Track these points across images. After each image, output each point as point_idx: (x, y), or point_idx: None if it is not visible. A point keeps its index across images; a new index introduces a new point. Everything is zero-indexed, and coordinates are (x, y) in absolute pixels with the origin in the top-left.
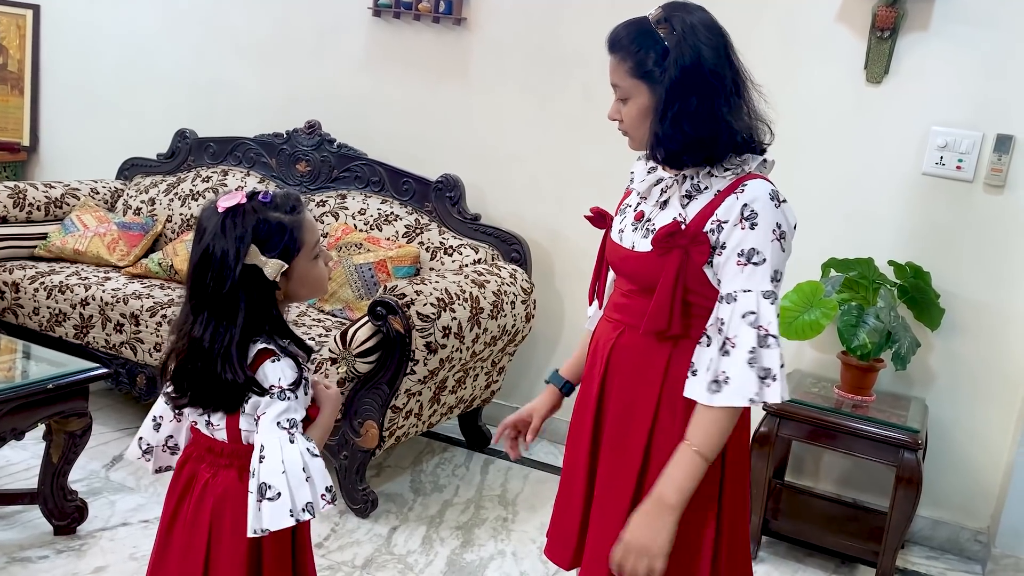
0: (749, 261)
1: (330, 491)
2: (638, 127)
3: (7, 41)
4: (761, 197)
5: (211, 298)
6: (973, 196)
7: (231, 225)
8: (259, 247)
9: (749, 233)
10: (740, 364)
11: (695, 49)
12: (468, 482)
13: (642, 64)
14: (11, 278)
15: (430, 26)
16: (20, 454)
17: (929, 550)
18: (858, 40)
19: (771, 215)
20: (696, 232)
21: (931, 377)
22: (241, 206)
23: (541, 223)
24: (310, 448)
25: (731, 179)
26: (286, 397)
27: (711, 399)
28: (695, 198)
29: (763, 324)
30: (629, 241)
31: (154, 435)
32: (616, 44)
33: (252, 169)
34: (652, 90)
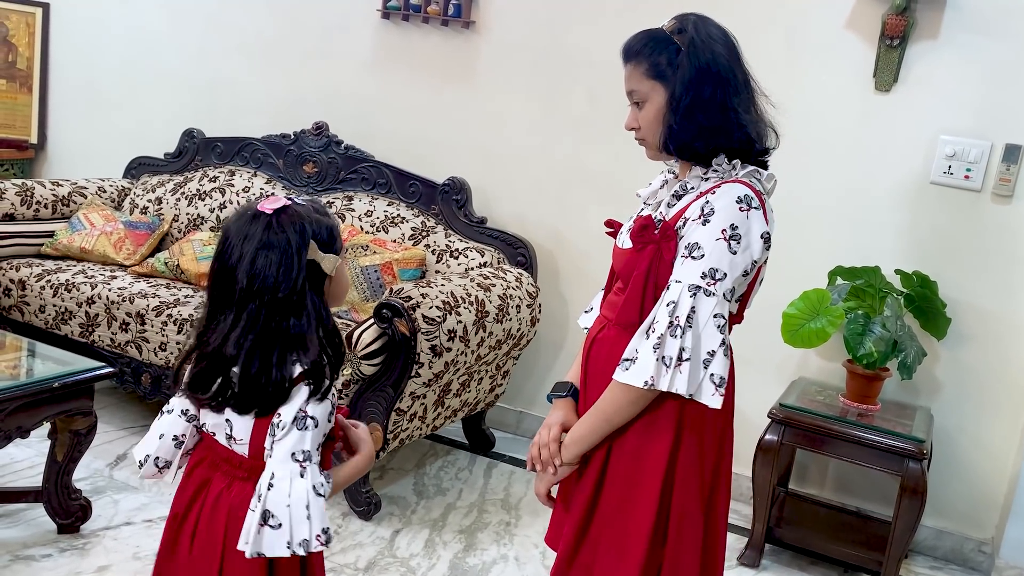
0: (690, 254)
1: (326, 532)
2: (656, 130)
3: (16, 39)
4: (725, 198)
5: (267, 300)
6: (981, 206)
7: (288, 222)
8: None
9: (700, 229)
10: (648, 347)
11: (709, 51)
12: (471, 486)
13: (657, 65)
14: (18, 276)
15: (438, 29)
16: (25, 452)
17: (933, 560)
18: (867, 48)
19: (727, 215)
20: (667, 228)
21: (937, 386)
22: (288, 206)
23: (546, 226)
24: (316, 486)
25: (715, 181)
26: (305, 427)
27: (617, 374)
28: (681, 198)
29: (679, 314)
30: (622, 241)
31: (173, 451)
32: (631, 51)
33: (259, 170)
34: (668, 89)
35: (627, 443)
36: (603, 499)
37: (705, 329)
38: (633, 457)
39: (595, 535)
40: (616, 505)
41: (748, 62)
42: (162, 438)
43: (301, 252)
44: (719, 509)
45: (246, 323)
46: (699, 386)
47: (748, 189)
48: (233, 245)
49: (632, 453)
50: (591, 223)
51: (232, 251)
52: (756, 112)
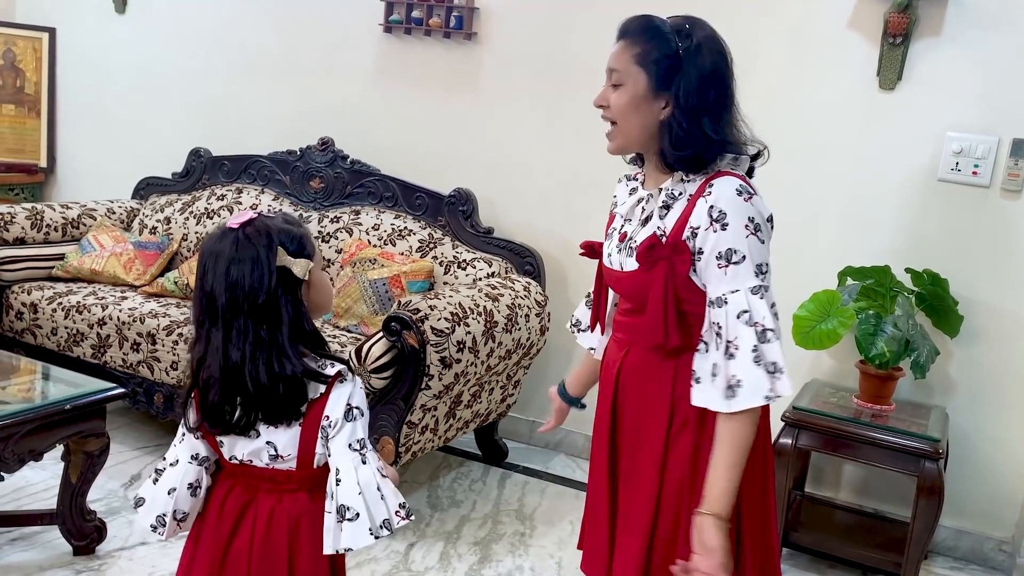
0: (729, 262)
1: (404, 507)
2: (626, 115)
3: (24, 64)
4: (726, 194)
5: (248, 310)
6: (990, 201)
7: (254, 233)
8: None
9: (722, 234)
10: (747, 364)
11: (713, 58)
12: (485, 497)
13: (649, 54)
14: (29, 299)
15: (441, 41)
16: (40, 474)
17: (953, 561)
18: (870, 47)
19: (740, 211)
20: (675, 242)
21: (951, 385)
22: (254, 219)
23: (553, 234)
24: (379, 468)
25: (701, 181)
26: (354, 418)
27: (729, 405)
28: (671, 207)
29: (758, 320)
30: (617, 263)
31: (191, 500)
32: (628, 31)
33: (266, 187)
34: (650, 81)
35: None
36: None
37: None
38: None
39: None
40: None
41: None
42: (172, 493)
43: (270, 259)
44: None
45: (237, 336)
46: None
47: (736, 179)
48: (208, 266)
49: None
50: (598, 230)
51: (207, 272)
52: (734, 127)
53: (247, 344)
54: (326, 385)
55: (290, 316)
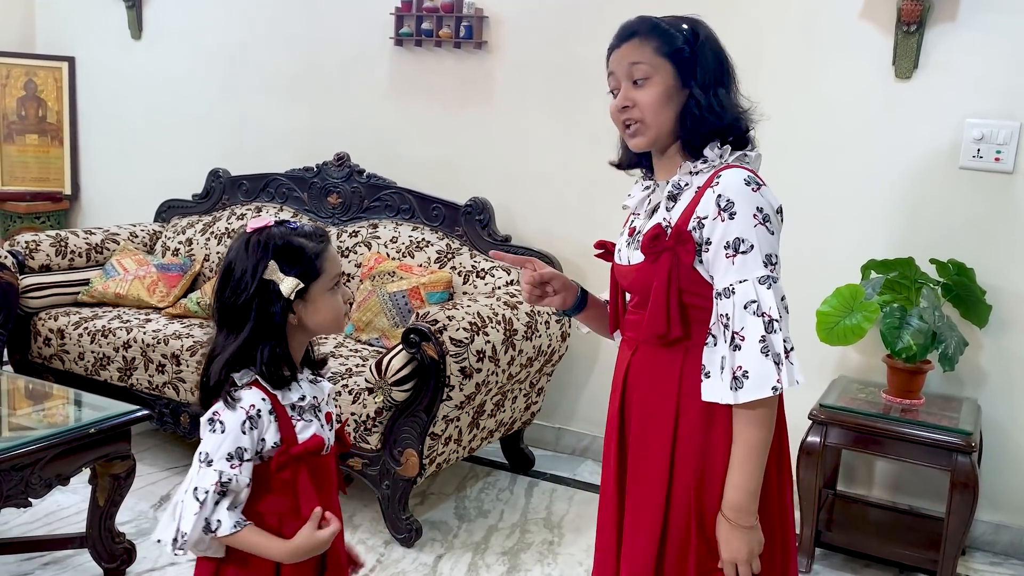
0: (737, 251)
1: (183, 538)
2: (658, 111)
3: (45, 94)
4: (734, 185)
5: (227, 310)
6: (1014, 187)
7: (256, 241)
8: (279, 265)
9: (730, 224)
10: (755, 355)
11: (710, 40)
12: (513, 506)
13: (667, 45)
14: (56, 325)
15: (452, 52)
16: (71, 498)
17: (992, 556)
18: (884, 36)
19: (748, 201)
20: (680, 232)
21: (982, 376)
22: (268, 227)
23: (571, 240)
24: (197, 489)
25: (709, 173)
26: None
27: (736, 397)
28: (678, 199)
29: (766, 311)
30: (626, 257)
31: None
32: (633, 32)
33: (285, 204)
34: (676, 71)
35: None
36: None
37: (786, 318)
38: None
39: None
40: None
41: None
42: None
43: (258, 270)
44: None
45: (215, 329)
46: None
47: (744, 171)
48: (224, 261)
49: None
50: (617, 236)
51: (223, 265)
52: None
53: (215, 340)
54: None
55: (251, 329)
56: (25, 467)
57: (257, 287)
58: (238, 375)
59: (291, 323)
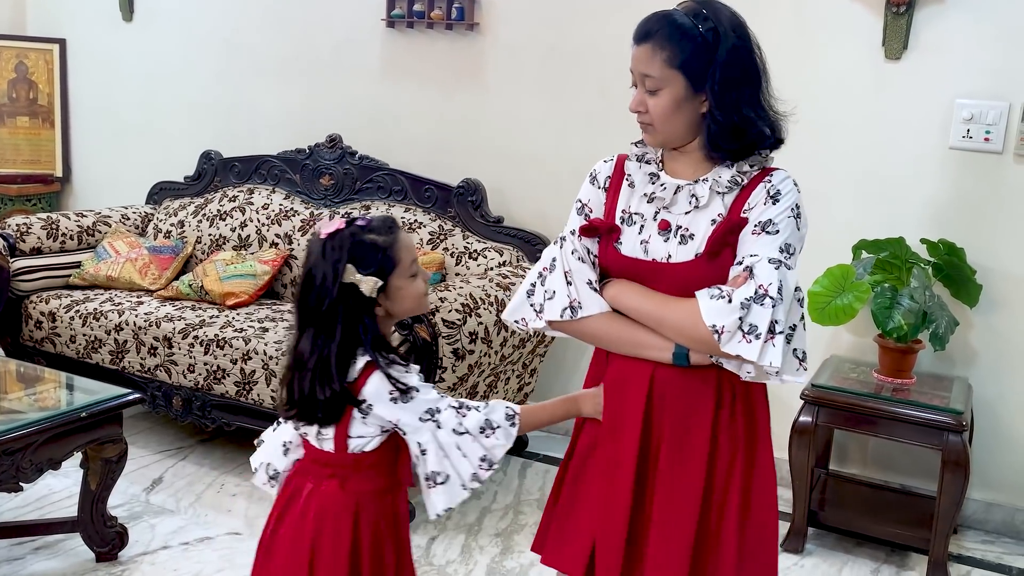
0: (764, 230)
1: (485, 460)
2: (668, 119)
3: (36, 76)
4: (786, 182)
5: (314, 315)
6: (1003, 167)
7: (331, 248)
8: (355, 266)
9: (770, 207)
10: (733, 309)
11: (740, 38)
12: (506, 487)
13: (678, 55)
14: (47, 308)
15: (443, 33)
16: (62, 482)
17: (984, 534)
18: (874, 17)
19: (793, 196)
20: (734, 223)
21: (973, 355)
22: (340, 231)
23: (563, 221)
24: (455, 428)
25: (758, 171)
26: (410, 397)
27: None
28: (732, 190)
29: (761, 282)
30: (661, 252)
31: (283, 460)
32: (648, 34)
33: (277, 186)
34: (688, 82)
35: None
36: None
37: (794, 307)
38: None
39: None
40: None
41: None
42: (266, 443)
43: (336, 275)
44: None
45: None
46: (785, 363)
47: (790, 176)
48: (303, 268)
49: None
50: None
51: (302, 273)
52: (771, 104)
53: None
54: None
55: (341, 332)
56: (16, 451)
57: (339, 291)
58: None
59: (378, 314)
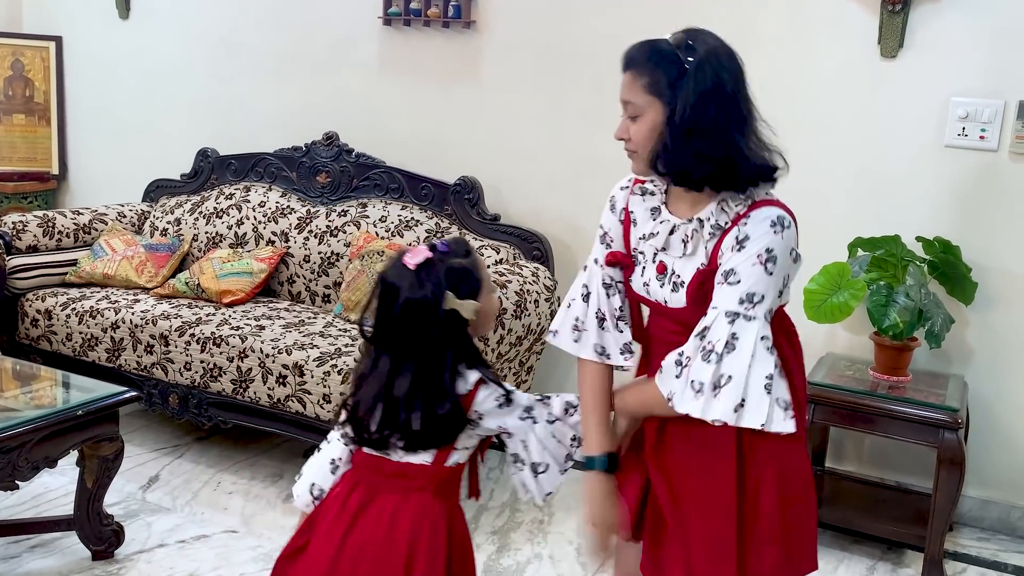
0: (726, 280)
1: (575, 439)
2: (647, 146)
3: (32, 73)
4: (759, 226)
5: (414, 344)
6: (999, 165)
7: (427, 276)
8: (453, 292)
9: (735, 255)
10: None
11: (716, 73)
12: (503, 485)
13: (658, 82)
14: (44, 306)
15: (440, 31)
16: (58, 480)
17: (980, 531)
18: (869, 15)
19: (762, 240)
20: (709, 271)
21: (969, 353)
22: (430, 259)
23: (562, 219)
24: (547, 418)
25: (743, 208)
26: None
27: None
28: (714, 236)
29: (711, 339)
30: (659, 296)
31: (331, 479)
32: (632, 61)
33: (274, 184)
34: (666, 108)
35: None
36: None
37: (756, 354)
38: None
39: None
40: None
41: (751, 89)
42: (316, 465)
43: (439, 304)
44: None
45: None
46: (768, 416)
47: (780, 209)
48: (386, 297)
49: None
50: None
51: (386, 302)
52: (757, 139)
53: (408, 382)
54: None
55: (452, 358)
56: (12, 449)
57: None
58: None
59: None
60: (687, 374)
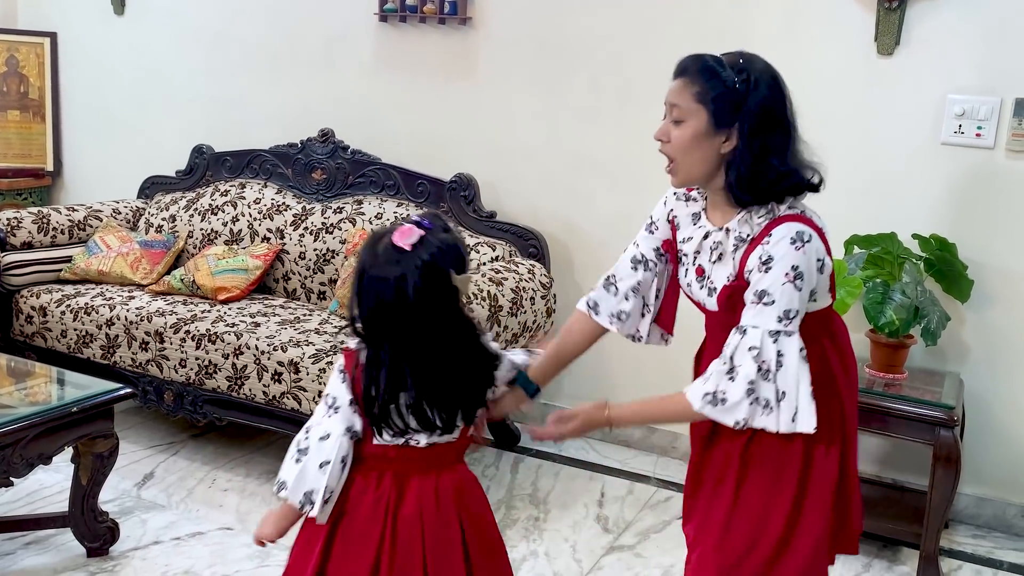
0: (760, 300)
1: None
2: (687, 152)
3: (27, 70)
4: (781, 244)
5: (431, 325)
6: (995, 163)
7: (432, 257)
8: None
9: (763, 276)
10: (739, 392)
11: (773, 92)
12: (498, 482)
13: (708, 92)
14: (38, 302)
15: (436, 27)
16: (53, 477)
17: (975, 528)
18: (866, 12)
19: (787, 259)
20: (737, 287)
21: (965, 350)
22: (424, 237)
23: (558, 216)
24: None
25: (765, 223)
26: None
27: (702, 407)
28: (740, 248)
29: (766, 359)
30: (699, 297)
31: (342, 478)
32: (687, 70)
33: (269, 180)
34: (711, 118)
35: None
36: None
37: (800, 367)
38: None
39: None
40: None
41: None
42: (325, 467)
43: (448, 279)
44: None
45: (433, 351)
46: (796, 419)
47: (800, 223)
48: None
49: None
50: (602, 210)
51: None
52: (795, 157)
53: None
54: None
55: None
56: (7, 446)
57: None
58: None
59: None
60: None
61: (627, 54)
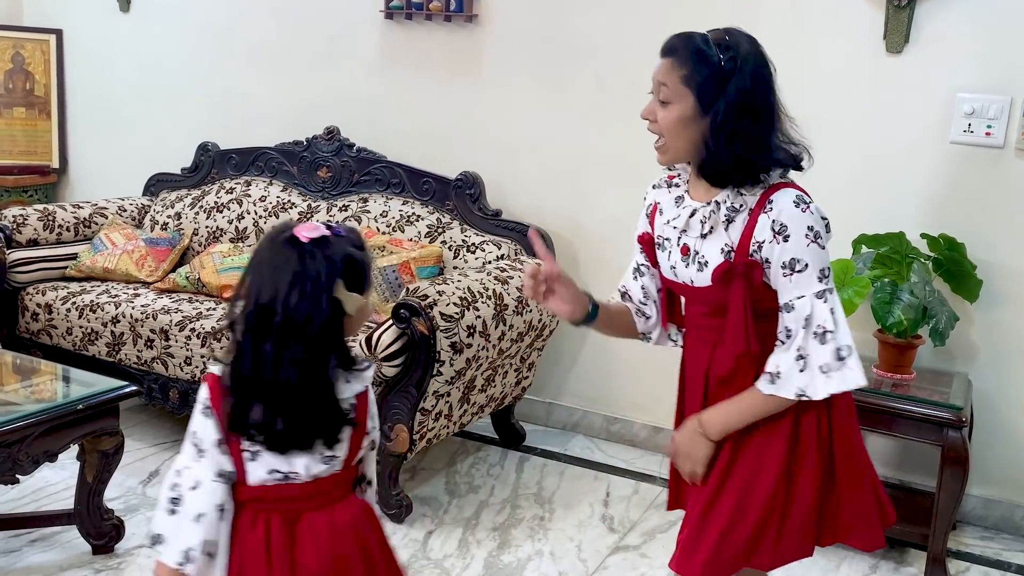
0: (793, 271)
1: None
2: (674, 133)
3: (33, 67)
4: (787, 208)
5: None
6: (1005, 162)
7: (322, 257)
8: (344, 281)
9: (785, 246)
10: (790, 361)
11: (755, 77)
12: (503, 481)
13: (695, 76)
14: (44, 300)
15: (442, 25)
16: (59, 474)
17: (983, 530)
18: (875, 10)
19: (800, 222)
20: (746, 262)
21: (973, 351)
22: (327, 239)
23: (562, 214)
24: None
25: (759, 193)
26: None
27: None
28: (734, 220)
29: (820, 323)
30: (685, 276)
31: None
32: (672, 50)
33: (275, 178)
34: (697, 103)
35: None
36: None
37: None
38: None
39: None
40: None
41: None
42: (201, 519)
43: (329, 288)
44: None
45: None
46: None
47: (793, 190)
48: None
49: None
50: (607, 209)
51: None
52: (782, 135)
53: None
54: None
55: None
56: (12, 443)
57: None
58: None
59: None
60: (810, 364)
61: (633, 52)
